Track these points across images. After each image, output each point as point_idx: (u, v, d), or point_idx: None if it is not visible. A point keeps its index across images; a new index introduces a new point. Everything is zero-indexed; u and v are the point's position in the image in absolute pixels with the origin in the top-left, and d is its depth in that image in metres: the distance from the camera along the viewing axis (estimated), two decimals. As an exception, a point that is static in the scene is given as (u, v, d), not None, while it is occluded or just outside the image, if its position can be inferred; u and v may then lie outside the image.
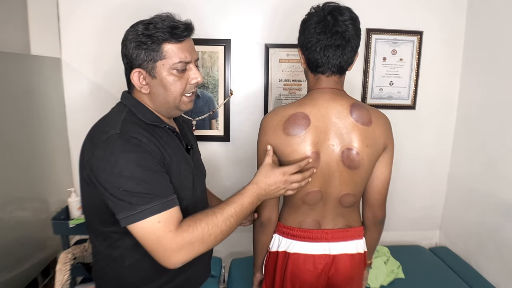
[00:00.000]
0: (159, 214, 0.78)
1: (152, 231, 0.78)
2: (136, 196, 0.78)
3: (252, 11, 1.84)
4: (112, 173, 0.78)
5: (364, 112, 1.00)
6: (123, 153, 0.79)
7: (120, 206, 0.78)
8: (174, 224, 0.79)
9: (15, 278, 1.43)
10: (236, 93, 1.90)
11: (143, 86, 0.90)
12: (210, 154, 1.97)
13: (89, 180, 0.83)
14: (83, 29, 1.80)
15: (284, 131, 0.99)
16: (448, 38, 1.94)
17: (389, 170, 1.07)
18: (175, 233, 0.78)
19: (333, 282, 1.08)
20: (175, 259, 0.79)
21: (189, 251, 0.79)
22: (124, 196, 0.78)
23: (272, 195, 0.95)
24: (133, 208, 0.77)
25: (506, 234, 1.62)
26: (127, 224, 0.78)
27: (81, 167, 0.87)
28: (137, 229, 0.78)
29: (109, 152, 0.79)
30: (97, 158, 0.80)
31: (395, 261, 1.80)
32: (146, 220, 0.77)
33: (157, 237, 0.78)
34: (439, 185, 2.10)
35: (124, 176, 0.78)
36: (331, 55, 0.97)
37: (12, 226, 1.44)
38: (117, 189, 0.78)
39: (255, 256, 1.19)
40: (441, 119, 2.02)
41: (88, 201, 0.90)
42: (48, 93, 1.72)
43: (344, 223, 1.08)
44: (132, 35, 0.89)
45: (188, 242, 0.79)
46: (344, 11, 0.97)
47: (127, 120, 0.87)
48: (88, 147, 0.84)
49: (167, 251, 0.78)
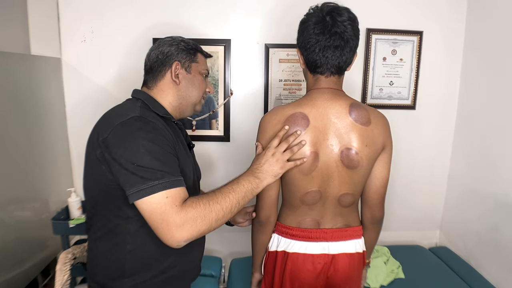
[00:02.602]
0: (168, 190, 0.82)
1: (159, 206, 0.81)
2: (149, 171, 0.82)
3: (252, 11, 1.84)
4: (128, 149, 0.83)
5: (363, 112, 1.00)
6: (142, 132, 0.86)
7: (132, 180, 0.82)
8: (179, 201, 0.83)
9: (15, 278, 1.43)
10: (236, 93, 1.90)
11: (178, 77, 1.02)
12: (210, 154, 1.97)
13: (102, 158, 0.86)
14: (83, 29, 1.80)
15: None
16: (448, 38, 1.94)
17: (387, 170, 1.07)
18: (180, 208, 0.82)
19: (332, 282, 1.08)
20: (178, 235, 0.81)
21: (192, 227, 0.82)
22: (138, 170, 0.82)
23: (270, 171, 0.97)
24: (145, 182, 0.81)
25: (506, 234, 1.62)
26: (137, 199, 0.82)
27: (92, 147, 0.89)
28: (145, 204, 0.82)
29: (128, 130, 0.86)
30: (116, 135, 0.85)
31: (395, 261, 1.80)
32: (155, 195, 0.81)
33: (163, 211, 0.81)
34: (439, 185, 2.10)
35: (140, 152, 0.83)
36: (330, 55, 0.97)
37: (12, 226, 1.44)
38: (131, 164, 0.82)
39: (254, 255, 1.19)
40: (441, 119, 2.02)
41: (95, 182, 0.92)
42: (48, 93, 1.72)
43: (343, 223, 1.09)
44: (170, 42, 1.05)
45: (191, 217, 0.82)
46: (343, 11, 0.97)
47: (143, 108, 0.95)
48: (104, 127, 0.88)
49: (171, 227, 0.81)
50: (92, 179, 0.94)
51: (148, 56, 1.04)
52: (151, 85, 1.03)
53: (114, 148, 0.84)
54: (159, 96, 1.02)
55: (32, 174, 1.59)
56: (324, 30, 0.95)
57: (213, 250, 2.07)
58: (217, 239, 2.07)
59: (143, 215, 0.84)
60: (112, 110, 0.97)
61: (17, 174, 1.48)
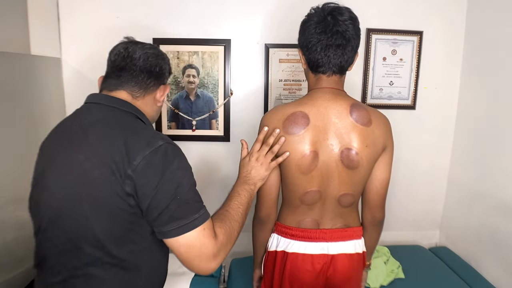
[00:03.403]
0: (205, 222, 0.80)
1: (199, 239, 0.78)
2: (191, 204, 0.79)
3: (252, 11, 1.84)
4: (170, 180, 0.76)
5: (364, 113, 1.00)
6: (178, 160, 0.80)
7: (172, 216, 0.76)
8: (214, 232, 0.81)
9: (15, 278, 1.43)
10: (236, 93, 1.90)
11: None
12: (210, 154, 1.97)
13: (132, 191, 0.76)
14: (83, 29, 1.80)
15: (283, 130, 1.00)
16: (448, 38, 1.94)
17: (388, 171, 1.07)
18: (215, 239, 0.80)
19: (331, 282, 1.08)
20: (215, 264, 0.81)
21: (225, 253, 0.84)
22: (181, 204, 0.77)
23: (257, 176, 1.01)
24: (187, 217, 0.77)
25: (506, 234, 1.62)
26: (178, 235, 0.76)
27: (111, 175, 0.76)
28: (183, 239, 0.77)
29: (172, 156, 0.79)
30: (153, 167, 0.76)
31: (395, 261, 1.80)
32: (199, 227, 0.78)
33: (202, 244, 0.78)
34: (439, 185, 2.10)
35: (183, 184, 0.78)
36: (332, 54, 0.98)
37: (13, 226, 1.44)
38: (181, 189, 0.78)
39: (255, 253, 1.20)
40: (441, 119, 2.02)
41: (110, 222, 0.79)
42: (48, 93, 1.71)
43: (342, 223, 1.09)
44: (166, 58, 1.00)
45: (223, 244, 0.83)
46: (344, 11, 0.98)
47: (149, 127, 0.91)
48: (129, 152, 0.76)
49: (210, 258, 0.79)
50: (108, 217, 0.79)
51: (134, 55, 0.92)
52: (138, 94, 0.92)
53: (159, 184, 0.75)
54: (143, 110, 0.92)
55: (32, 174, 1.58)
56: (325, 29, 0.96)
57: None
58: (217, 239, 2.07)
59: (175, 249, 0.79)
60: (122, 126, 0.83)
61: (17, 174, 1.47)
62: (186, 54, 1.84)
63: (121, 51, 0.93)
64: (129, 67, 0.91)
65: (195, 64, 1.86)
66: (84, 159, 0.79)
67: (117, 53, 0.93)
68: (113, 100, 0.89)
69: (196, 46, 1.84)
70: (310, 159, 0.98)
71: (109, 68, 0.95)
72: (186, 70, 1.86)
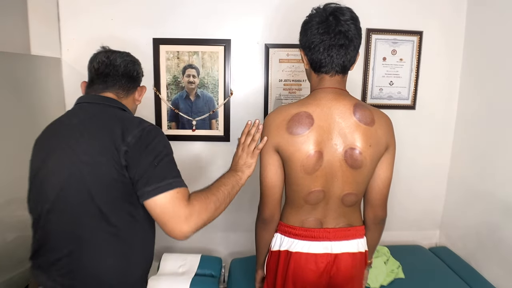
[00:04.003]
0: (180, 188, 0.90)
1: (172, 200, 0.88)
2: (168, 172, 0.90)
3: (252, 11, 1.84)
4: (155, 149, 0.91)
5: (367, 112, 1.00)
6: (163, 137, 0.96)
7: (159, 173, 0.89)
8: (187, 197, 0.91)
9: (16, 278, 1.43)
10: (236, 93, 1.90)
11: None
12: (210, 154, 1.97)
13: (125, 162, 0.89)
14: (83, 29, 1.80)
15: (288, 130, 0.99)
16: (448, 38, 1.94)
17: (390, 171, 1.08)
18: (187, 203, 0.89)
19: (334, 281, 1.08)
20: (187, 227, 0.88)
21: (197, 219, 0.90)
22: (159, 171, 0.89)
23: (244, 164, 1.09)
24: (164, 179, 0.89)
25: (506, 234, 1.62)
26: (155, 195, 0.87)
27: (110, 153, 0.90)
28: (159, 200, 0.87)
29: (153, 134, 0.94)
30: (142, 138, 0.91)
31: (395, 261, 1.80)
32: (170, 191, 0.88)
33: (175, 206, 0.88)
34: (439, 185, 2.10)
35: (162, 155, 0.92)
36: (335, 54, 0.98)
37: (13, 226, 1.44)
38: (161, 158, 0.91)
39: (258, 253, 1.20)
40: (441, 119, 2.02)
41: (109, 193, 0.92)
42: (48, 93, 1.71)
43: (345, 222, 1.09)
44: (138, 63, 1.16)
45: (196, 210, 0.90)
46: (345, 11, 0.99)
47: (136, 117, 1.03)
48: (115, 137, 0.91)
49: (181, 220, 0.87)
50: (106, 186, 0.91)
51: (116, 63, 1.07)
52: (122, 95, 1.08)
53: (143, 150, 0.90)
54: (127, 107, 1.09)
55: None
56: (328, 30, 0.96)
57: (213, 250, 2.07)
58: (217, 239, 2.07)
59: (152, 211, 0.89)
60: (110, 118, 0.97)
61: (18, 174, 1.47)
62: (186, 54, 1.85)
63: (104, 59, 1.07)
64: (113, 73, 1.07)
65: (195, 64, 1.86)
66: (87, 146, 0.93)
67: (100, 61, 1.07)
68: (103, 99, 1.04)
69: (196, 46, 1.84)
70: (315, 159, 0.99)
71: (93, 74, 1.08)
72: (186, 70, 1.86)
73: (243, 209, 2.02)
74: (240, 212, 2.01)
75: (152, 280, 1.60)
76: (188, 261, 1.77)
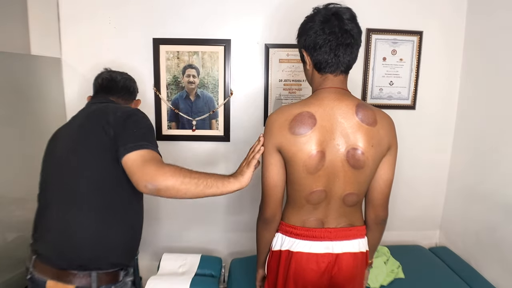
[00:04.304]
0: (155, 151, 1.03)
1: (143, 157, 0.99)
2: (144, 138, 1.03)
3: (252, 11, 1.84)
4: (137, 123, 1.07)
5: (369, 113, 1.01)
6: (145, 118, 1.12)
7: (132, 138, 1.01)
8: (160, 160, 1.02)
9: (16, 278, 1.43)
10: (236, 93, 1.90)
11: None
12: (210, 154, 1.97)
13: (112, 132, 1.03)
14: (83, 29, 1.80)
15: (290, 130, 0.99)
16: (448, 38, 1.94)
17: (392, 171, 1.08)
18: (158, 161, 1.00)
19: (336, 281, 1.08)
20: (150, 178, 0.95)
21: (162, 181, 0.95)
22: (140, 134, 1.04)
23: (242, 171, 1.08)
24: (142, 140, 1.02)
25: (506, 234, 1.62)
26: (131, 151, 0.99)
27: (103, 130, 1.04)
28: (134, 155, 0.99)
29: (137, 115, 1.11)
30: (129, 116, 1.08)
31: (395, 261, 1.80)
32: (145, 150, 1.00)
33: (145, 159, 0.98)
34: (439, 185, 2.10)
35: (144, 126, 1.08)
36: (341, 54, 0.99)
37: (13, 226, 1.44)
38: (138, 129, 1.05)
39: (259, 253, 1.20)
40: (441, 119, 2.02)
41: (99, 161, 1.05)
42: (48, 93, 1.72)
43: (347, 222, 1.09)
44: (134, 80, 1.41)
45: (165, 172, 0.97)
46: (346, 11, 0.99)
47: None
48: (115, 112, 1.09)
49: (149, 170, 0.97)
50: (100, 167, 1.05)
51: (116, 79, 1.32)
52: (122, 103, 1.31)
53: (127, 123, 1.05)
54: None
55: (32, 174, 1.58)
56: (334, 29, 0.97)
57: (213, 250, 2.07)
58: (217, 239, 2.07)
59: (126, 165, 0.99)
60: (108, 106, 1.16)
61: (18, 174, 1.48)
62: (186, 54, 1.85)
63: (107, 76, 1.32)
64: (115, 87, 1.31)
65: (195, 64, 1.86)
66: (85, 122, 1.11)
67: (104, 78, 1.31)
68: (107, 99, 1.27)
69: (196, 46, 1.84)
70: (317, 159, 0.98)
71: (98, 88, 1.31)
72: (186, 70, 1.86)
73: (243, 209, 2.02)
74: (240, 212, 2.02)
75: (152, 280, 1.60)
76: (188, 261, 1.77)
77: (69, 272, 1.02)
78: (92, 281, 1.03)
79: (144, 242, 2.04)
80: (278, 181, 1.05)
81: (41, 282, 1.02)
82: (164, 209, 2.01)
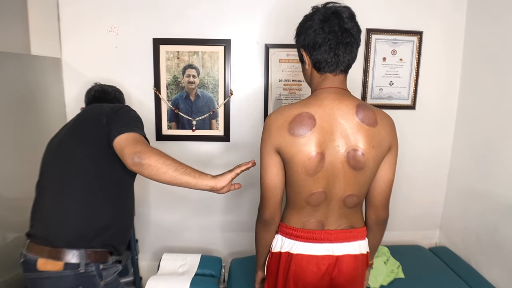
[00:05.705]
0: (142, 136, 1.13)
1: (132, 137, 1.09)
2: (134, 124, 1.14)
3: (252, 11, 1.84)
4: (128, 113, 1.19)
5: (370, 113, 0.99)
6: (134, 111, 1.23)
7: (125, 124, 1.12)
8: (148, 143, 1.12)
9: (16, 278, 1.43)
10: (236, 93, 1.90)
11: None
12: (210, 154, 1.97)
13: (105, 121, 1.13)
14: (83, 29, 1.80)
15: (289, 132, 0.98)
16: (448, 38, 1.94)
17: (393, 171, 1.07)
18: (145, 143, 1.11)
19: (336, 283, 1.07)
20: (137, 158, 1.02)
21: (147, 159, 1.02)
22: (131, 122, 1.14)
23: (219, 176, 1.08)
24: (132, 126, 1.12)
25: (506, 234, 1.62)
26: (123, 133, 1.08)
27: (96, 122, 1.15)
28: (126, 135, 1.09)
29: (128, 109, 1.23)
30: (122, 109, 1.19)
31: (395, 261, 1.80)
32: (136, 133, 1.11)
33: (136, 138, 1.09)
34: (439, 185, 2.10)
35: (134, 117, 1.19)
36: (342, 53, 0.98)
37: (13, 226, 1.44)
38: (129, 117, 1.17)
39: (258, 254, 1.19)
40: (441, 119, 2.02)
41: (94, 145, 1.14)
42: (48, 93, 1.72)
43: (347, 224, 1.08)
44: (122, 93, 1.55)
45: (150, 152, 1.04)
46: (345, 10, 0.98)
47: None
48: (109, 107, 1.20)
49: (136, 151, 1.04)
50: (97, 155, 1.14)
51: (108, 91, 1.47)
52: None
53: (119, 113, 1.16)
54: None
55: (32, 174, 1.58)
56: (334, 28, 0.96)
57: (213, 250, 2.07)
58: (217, 239, 2.07)
59: (117, 145, 1.07)
60: (102, 104, 1.30)
61: (17, 174, 1.48)
62: (186, 54, 1.85)
63: (99, 89, 1.46)
64: (107, 98, 1.44)
65: (195, 64, 1.86)
66: (81, 114, 1.24)
67: (96, 90, 1.45)
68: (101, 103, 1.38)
69: (196, 46, 1.84)
70: (317, 160, 0.97)
71: (91, 99, 1.44)
72: (186, 70, 1.86)
73: (243, 209, 2.02)
74: (240, 212, 2.02)
75: (152, 280, 1.60)
76: (188, 261, 1.77)
77: (59, 249, 1.07)
78: (81, 258, 1.07)
79: (144, 242, 2.05)
80: (277, 183, 1.04)
81: (32, 261, 1.07)
82: (164, 209, 2.01)
